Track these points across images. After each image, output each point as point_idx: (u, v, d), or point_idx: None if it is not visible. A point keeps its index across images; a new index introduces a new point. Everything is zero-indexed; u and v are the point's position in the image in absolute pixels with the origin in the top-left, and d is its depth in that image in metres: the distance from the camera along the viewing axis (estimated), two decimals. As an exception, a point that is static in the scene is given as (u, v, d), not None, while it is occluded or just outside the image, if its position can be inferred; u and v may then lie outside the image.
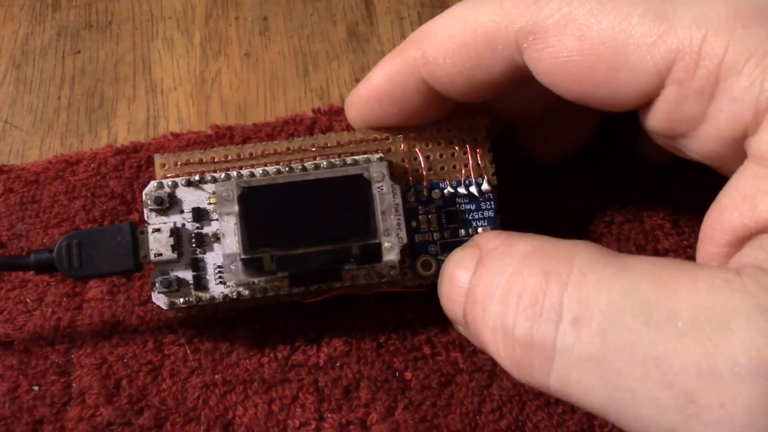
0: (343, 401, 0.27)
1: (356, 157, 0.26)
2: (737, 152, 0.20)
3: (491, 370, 0.27)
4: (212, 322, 0.29)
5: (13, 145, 0.34)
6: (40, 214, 0.31)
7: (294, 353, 0.28)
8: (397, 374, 0.28)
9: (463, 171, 0.27)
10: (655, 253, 0.29)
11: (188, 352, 0.28)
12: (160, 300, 0.26)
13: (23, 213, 0.31)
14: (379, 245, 0.25)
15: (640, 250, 0.29)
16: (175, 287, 0.26)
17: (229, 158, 0.27)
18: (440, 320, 0.28)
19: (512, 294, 0.20)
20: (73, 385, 0.28)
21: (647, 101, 0.21)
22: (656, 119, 0.22)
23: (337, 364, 0.28)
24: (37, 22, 0.38)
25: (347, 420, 0.27)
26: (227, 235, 0.25)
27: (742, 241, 0.20)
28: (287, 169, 0.26)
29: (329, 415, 0.27)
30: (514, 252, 0.21)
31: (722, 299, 0.17)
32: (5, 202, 0.32)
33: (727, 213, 0.20)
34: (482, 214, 0.27)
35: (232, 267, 0.25)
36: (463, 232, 0.27)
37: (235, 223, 0.25)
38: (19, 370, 0.28)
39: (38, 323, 0.29)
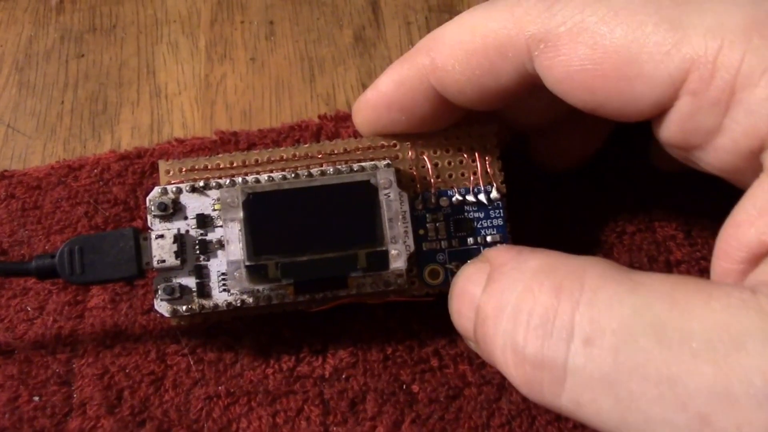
0: (349, 414, 0.27)
1: (363, 164, 0.27)
2: (753, 165, 0.20)
3: (500, 383, 0.27)
4: (216, 332, 0.29)
5: (15, 150, 0.35)
6: (42, 220, 0.32)
7: (299, 364, 0.28)
8: (404, 387, 0.28)
9: (472, 179, 0.28)
10: (668, 264, 0.29)
11: (191, 362, 0.28)
12: (162, 307, 0.26)
13: (25, 219, 0.32)
14: (385, 252, 0.25)
15: (652, 261, 0.29)
16: (177, 294, 0.26)
17: (235, 165, 0.27)
18: (448, 332, 0.28)
19: (523, 312, 0.20)
20: (74, 395, 0.28)
21: (661, 112, 0.21)
22: (670, 130, 0.22)
23: (343, 376, 0.28)
24: (40, 26, 0.39)
25: (353, 433, 0.27)
26: (231, 242, 0.25)
27: (759, 257, 0.20)
28: (293, 175, 0.26)
29: (335, 428, 0.27)
30: (525, 268, 0.21)
31: (737, 319, 0.17)
32: (7, 208, 0.32)
33: (743, 229, 0.20)
34: (491, 223, 0.27)
35: (236, 274, 0.25)
36: (471, 240, 0.27)
37: (240, 230, 0.25)
38: (20, 379, 0.28)
39: (39, 332, 0.29)
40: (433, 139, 0.28)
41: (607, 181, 0.31)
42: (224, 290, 0.26)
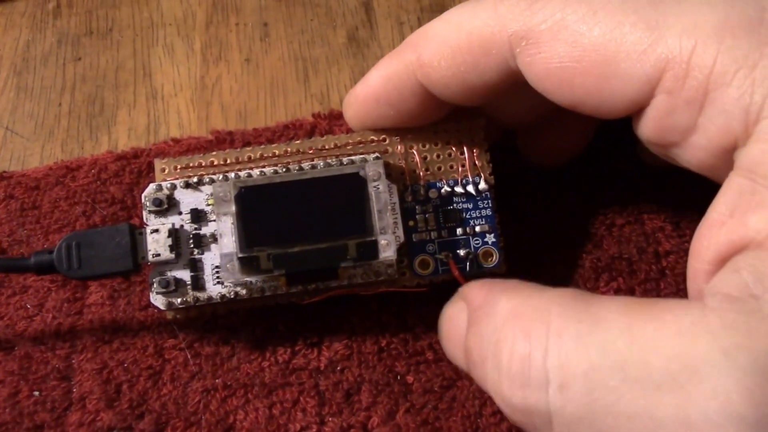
0: (344, 405, 0.28)
1: (353, 158, 0.27)
2: (728, 162, 0.21)
3: (492, 373, 0.28)
4: (212, 326, 0.29)
5: (14, 152, 0.36)
6: (40, 219, 0.33)
7: (295, 357, 0.29)
8: (398, 378, 0.28)
9: (460, 170, 0.28)
10: (656, 255, 0.30)
11: (189, 356, 0.29)
12: (158, 300, 0.27)
13: (24, 219, 0.33)
14: (375, 243, 0.26)
15: (641, 253, 0.30)
16: (173, 287, 0.27)
17: (228, 162, 0.28)
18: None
19: (502, 362, 0.21)
20: (74, 390, 0.29)
21: (638, 109, 0.22)
22: (647, 128, 0.22)
23: (338, 368, 0.29)
24: (38, 30, 0.40)
25: (348, 424, 0.27)
26: (224, 235, 0.26)
27: (726, 258, 0.20)
28: (284, 170, 0.27)
29: (330, 418, 0.28)
30: (497, 312, 0.22)
31: (690, 345, 0.18)
32: (6, 208, 0.33)
33: (714, 229, 0.21)
34: (479, 213, 0.28)
35: (229, 266, 0.26)
36: (460, 230, 0.28)
37: (232, 223, 0.26)
38: (20, 375, 0.29)
39: (39, 328, 0.30)
40: (422, 133, 0.28)
41: (596, 174, 0.32)
42: (218, 282, 0.27)
